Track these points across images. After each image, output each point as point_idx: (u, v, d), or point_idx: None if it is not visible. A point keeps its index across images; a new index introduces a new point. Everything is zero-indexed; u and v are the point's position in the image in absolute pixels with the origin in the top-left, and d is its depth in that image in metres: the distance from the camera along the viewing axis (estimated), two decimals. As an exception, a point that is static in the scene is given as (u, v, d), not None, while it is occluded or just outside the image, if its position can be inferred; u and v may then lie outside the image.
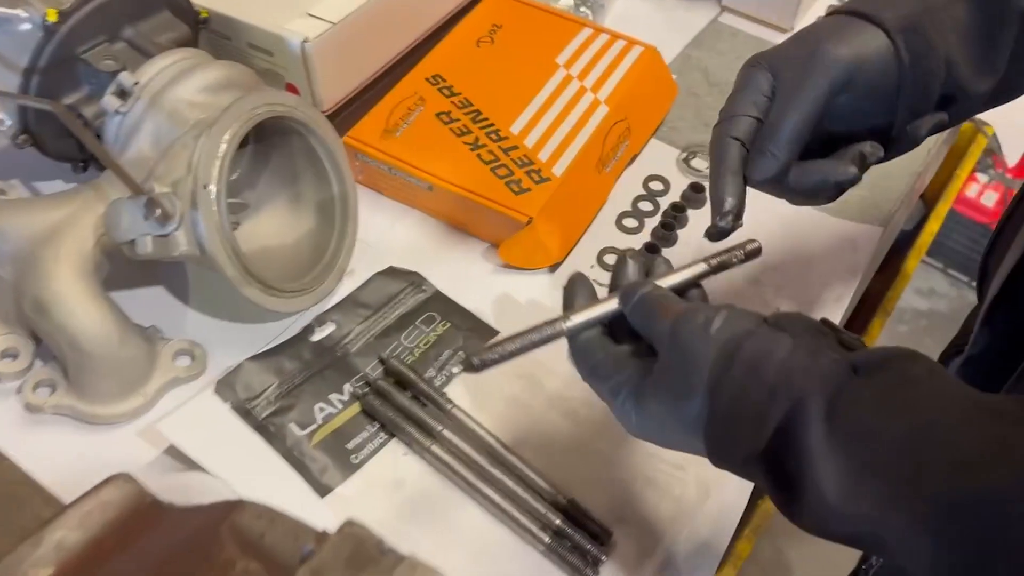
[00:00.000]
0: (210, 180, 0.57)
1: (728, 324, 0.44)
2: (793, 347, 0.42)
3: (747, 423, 0.42)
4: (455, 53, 0.81)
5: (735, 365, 0.43)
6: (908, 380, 0.40)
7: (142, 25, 0.67)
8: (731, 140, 0.53)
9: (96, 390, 0.60)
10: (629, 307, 0.48)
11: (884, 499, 0.37)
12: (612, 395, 0.47)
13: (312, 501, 0.58)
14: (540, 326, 0.50)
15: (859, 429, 0.39)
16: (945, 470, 0.36)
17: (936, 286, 2.06)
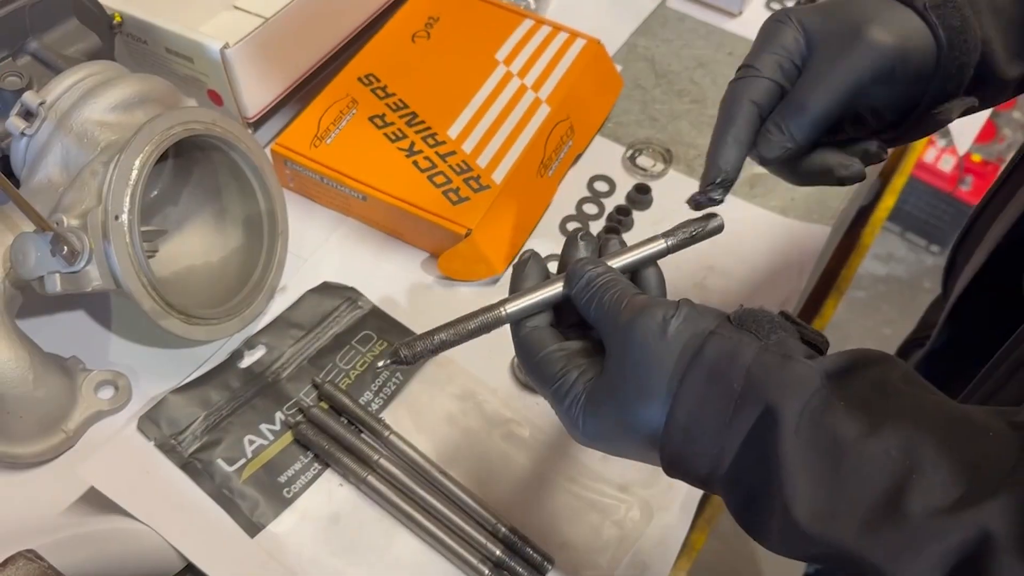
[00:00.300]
0: (122, 210, 0.54)
1: (688, 323, 0.40)
2: (759, 350, 0.39)
3: (710, 434, 0.39)
4: (389, 50, 0.78)
5: (696, 369, 0.39)
6: (883, 389, 0.38)
7: (48, 37, 0.63)
8: (748, 103, 0.48)
9: (12, 430, 0.57)
10: (574, 289, 0.44)
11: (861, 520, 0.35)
12: (558, 399, 0.43)
13: (243, 541, 0.56)
14: (477, 312, 0.45)
15: (834, 441, 0.36)
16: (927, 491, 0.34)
17: (894, 250, 2.07)
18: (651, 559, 0.58)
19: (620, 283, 0.43)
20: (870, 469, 0.35)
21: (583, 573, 0.57)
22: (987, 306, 0.57)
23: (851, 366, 0.38)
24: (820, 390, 0.37)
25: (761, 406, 0.37)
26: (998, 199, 0.58)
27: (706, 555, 1.51)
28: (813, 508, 0.36)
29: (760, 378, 0.38)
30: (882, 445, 0.35)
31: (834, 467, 0.36)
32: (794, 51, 0.48)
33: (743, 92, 0.48)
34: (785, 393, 0.37)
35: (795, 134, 0.47)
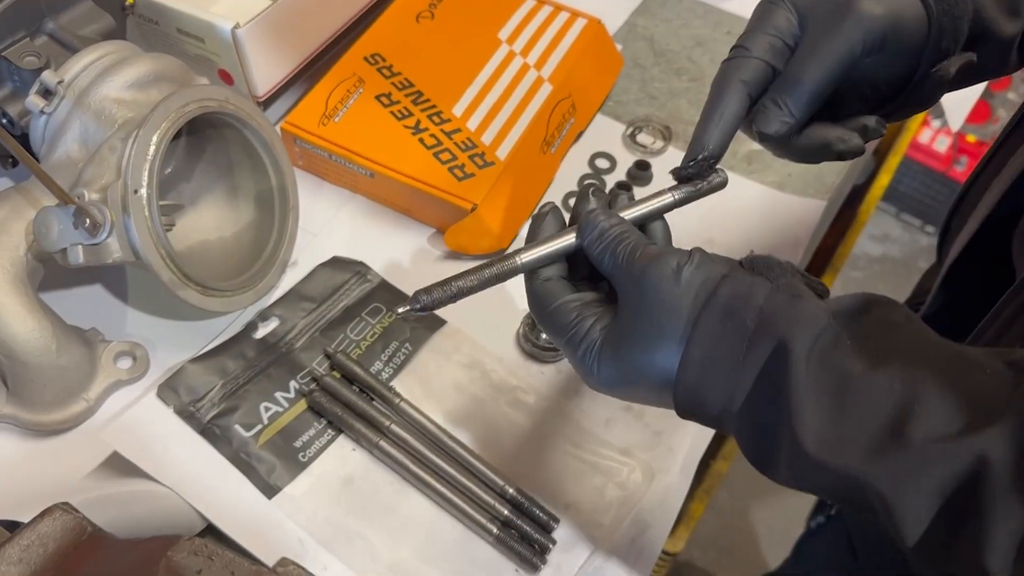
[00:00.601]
0: (140, 184, 0.56)
1: (702, 268, 0.42)
2: (771, 290, 0.41)
3: (724, 370, 0.41)
4: (394, 30, 0.79)
5: (711, 309, 0.41)
6: (887, 329, 0.40)
7: (63, 18, 0.64)
8: (738, 83, 0.49)
9: (37, 398, 0.60)
10: (587, 239, 0.46)
11: (866, 447, 0.37)
12: (572, 346, 0.45)
13: (261, 503, 0.58)
14: (492, 261, 0.47)
15: (842, 374, 0.38)
16: (928, 420, 0.36)
17: (889, 231, 2.09)
18: (652, 518, 0.60)
19: (632, 234, 0.45)
20: (875, 400, 0.37)
21: (587, 532, 0.59)
22: (979, 273, 0.59)
23: (858, 306, 0.40)
24: (829, 327, 0.39)
25: (774, 341, 0.39)
26: (990, 169, 0.60)
27: (704, 528, 1.55)
28: (821, 436, 0.38)
29: (772, 316, 0.40)
30: (886, 378, 0.37)
31: (841, 398, 0.38)
32: (785, 31, 0.49)
33: (733, 72, 0.49)
34: (796, 329, 0.39)
35: (792, 109, 0.48)
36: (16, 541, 0.40)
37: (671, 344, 0.42)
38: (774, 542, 1.56)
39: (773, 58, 0.49)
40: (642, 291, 0.43)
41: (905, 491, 0.36)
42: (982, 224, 0.57)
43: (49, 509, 0.42)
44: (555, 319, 0.46)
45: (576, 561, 0.58)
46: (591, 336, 0.44)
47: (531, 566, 0.57)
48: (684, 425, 0.63)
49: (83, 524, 0.41)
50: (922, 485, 0.36)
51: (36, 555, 0.40)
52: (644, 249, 0.44)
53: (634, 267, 0.43)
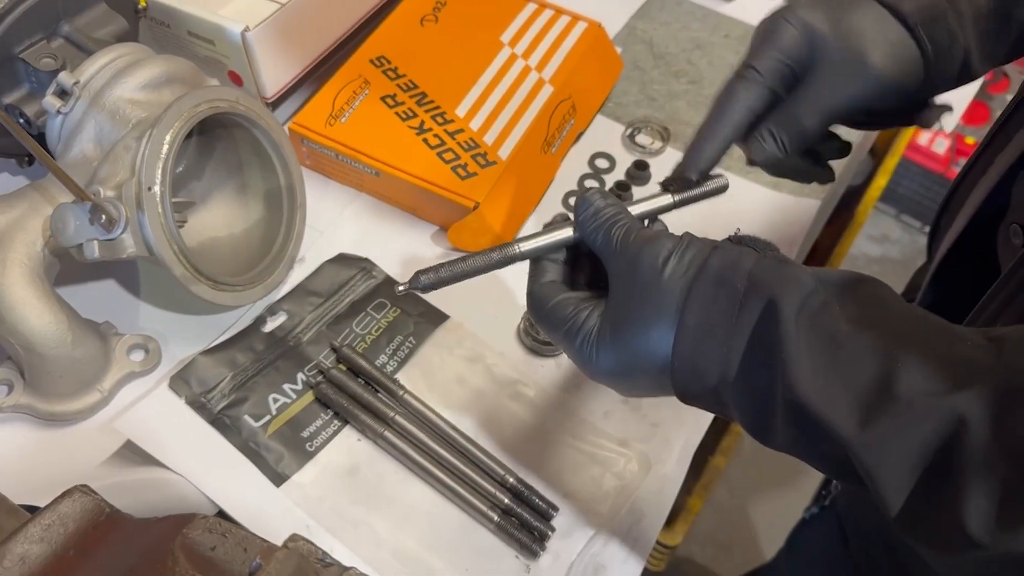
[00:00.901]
0: (154, 182, 0.58)
1: (692, 245, 0.44)
2: (759, 257, 0.43)
3: (719, 335, 0.42)
4: (399, 33, 0.81)
5: (702, 278, 0.42)
6: (875, 300, 0.41)
7: (79, 20, 0.66)
8: (746, 108, 0.50)
9: (53, 389, 0.61)
10: (581, 215, 0.47)
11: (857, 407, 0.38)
12: (570, 338, 0.46)
13: (269, 490, 0.60)
14: (492, 248, 0.49)
15: (830, 334, 0.39)
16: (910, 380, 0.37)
17: (888, 232, 2.10)
18: (649, 507, 0.62)
19: (627, 215, 0.47)
20: (861, 358, 0.39)
21: (585, 520, 0.61)
22: (968, 270, 0.61)
23: (846, 279, 0.42)
24: (817, 291, 0.41)
25: (764, 301, 0.41)
26: (977, 167, 0.62)
27: (703, 523, 1.56)
28: (814, 385, 0.39)
29: (761, 278, 0.41)
30: (872, 340, 0.39)
31: (830, 355, 0.39)
32: (795, 57, 0.51)
33: (742, 95, 0.51)
34: (784, 288, 0.41)
35: (787, 145, 0.51)
36: (38, 521, 0.42)
37: (666, 319, 0.43)
38: (772, 538, 1.58)
39: (779, 84, 0.51)
40: (636, 271, 0.44)
41: (887, 457, 0.37)
42: (970, 221, 0.59)
43: (69, 491, 0.43)
44: (553, 315, 0.47)
45: (574, 548, 0.60)
46: (588, 325, 0.46)
47: (531, 552, 0.58)
48: (680, 416, 0.65)
49: (101, 505, 0.43)
50: (903, 448, 0.37)
51: (57, 534, 0.42)
52: (638, 232, 0.46)
53: (628, 248, 0.45)
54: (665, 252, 0.44)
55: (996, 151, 0.61)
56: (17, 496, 0.47)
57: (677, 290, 0.43)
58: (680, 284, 0.43)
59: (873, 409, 0.38)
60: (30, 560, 0.41)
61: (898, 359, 0.38)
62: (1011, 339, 0.38)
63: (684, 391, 0.44)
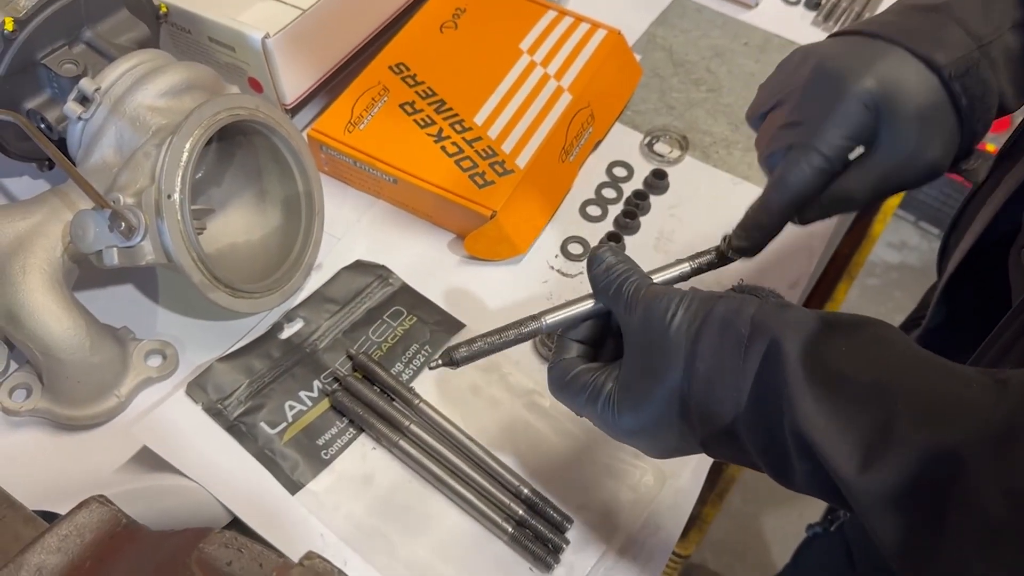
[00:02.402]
0: (174, 190, 0.58)
1: (696, 298, 0.46)
2: (761, 303, 0.44)
3: (728, 378, 0.43)
4: (418, 40, 0.81)
5: (708, 326, 0.44)
6: (880, 340, 0.42)
7: (101, 27, 0.67)
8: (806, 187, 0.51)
9: (71, 394, 0.62)
10: (593, 271, 0.49)
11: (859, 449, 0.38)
12: (591, 403, 0.48)
13: (284, 498, 0.60)
14: (518, 323, 0.52)
15: (833, 374, 0.40)
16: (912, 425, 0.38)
17: (907, 239, 2.09)
18: (664, 521, 0.61)
19: (637, 272, 0.49)
20: (864, 398, 0.39)
21: (600, 533, 0.61)
22: (976, 289, 0.60)
23: (853, 321, 0.42)
24: (819, 331, 0.41)
25: (767, 342, 0.42)
26: (987, 185, 0.61)
27: (717, 532, 1.56)
28: (816, 425, 0.39)
29: (763, 321, 0.43)
30: (875, 379, 0.39)
31: (834, 395, 0.40)
32: (859, 137, 0.50)
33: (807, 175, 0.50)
34: (786, 328, 0.42)
35: (830, 213, 0.53)
36: (55, 531, 0.42)
37: (677, 368, 0.44)
38: (786, 547, 1.57)
39: (840, 164, 0.51)
40: (645, 325, 0.46)
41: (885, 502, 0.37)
42: (978, 240, 0.59)
43: (86, 501, 0.43)
44: (572, 385, 0.49)
45: (588, 561, 0.59)
46: (606, 388, 0.47)
47: (545, 565, 0.58)
48: (696, 430, 0.65)
49: (118, 516, 0.43)
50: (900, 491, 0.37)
51: (74, 544, 0.42)
52: (648, 288, 0.47)
53: (638, 304, 0.47)
54: (673, 305, 0.45)
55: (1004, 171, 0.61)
56: (33, 501, 0.47)
57: (685, 339, 0.44)
58: (688, 334, 0.44)
59: (873, 451, 0.38)
60: (47, 571, 0.41)
61: (899, 399, 0.38)
62: (1015, 381, 0.38)
63: (704, 436, 0.45)
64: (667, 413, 0.46)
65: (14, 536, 0.45)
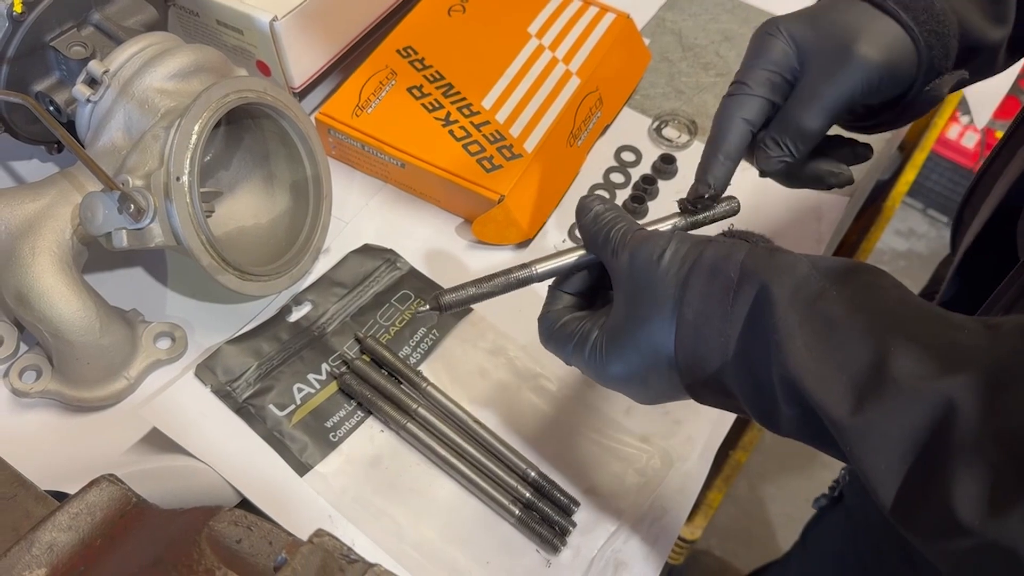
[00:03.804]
0: (182, 172, 0.58)
1: (684, 242, 0.45)
2: (751, 248, 0.43)
3: (716, 324, 0.43)
4: (426, 23, 0.81)
5: (696, 272, 0.43)
6: (874, 286, 0.41)
7: (109, 9, 0.67)
8: (740, 121, 0.51)
9: (80, 375, 0.62)
10: (582, 220, 0.49)
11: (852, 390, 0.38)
12: (579, 351, 0.48)
13: (292, 480, 0.60)
14: (510, 270, 0.51)
15: (825, 317, 0.40)
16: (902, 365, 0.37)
17: (915, 226, 2.08)
18: (670, 504, 0.62)
19: (625, 219, 0.48)
20: (856, 341, 0.39)
21: (607, 516, 0.61)
22: (991, 261, 0.60)
23: (844, 267, 0.42)
24: (810, 276, 0.41)
25: (756, 287, 0.41)
26: (1000, 158, 0.61)
27: (722, 517, 1.56)
28: (804, 365, 0.39)
29: (752, 266, 0.42)
30: (867, 322, 0.39)
31: (824, 336, 0.39)
32: (784, 66, 0.51)
33: (735, 110, 0.51)
34: (776, 273, 0.41)
35: (792, 149, 0.52)
36: (66, 509, 0.43)
37: (666, 312, 0.44)
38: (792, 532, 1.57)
39: (772, 93, 0.52)
40: (633, 270, 0.45)
41: (878, 445, 0.37)
42: (993, 213, 0.59)
43: (96, 480, 0.44)
44: (560, 334, 0.49)
45: (595, 544, 0.60)
46: (592, 335, 0.47)
47: (551, 547, 0.59)
48: (703, 413, 0.65)
49: (128, 495, 0.43)
50: (893, 434, 0.37)
51: (85, 523, 0.42)
52: (635, 232, 0.47)
53: (624, 249, 0.46)
54: (659, 249, 0.45)
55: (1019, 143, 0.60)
56: (44, 482, 0.47)
57: (673, 284, 0.44)
58: (676, 278, 0.44)
59: (866, 393, 0.38)
60: (58, 548, 0.41)
61: (891, 343, 0.38)
62: (1007, 326, 0.38)
63: (691, 382, 0.45)
64: (654, 359, 0.45)
65: (25, 514, 0.45)
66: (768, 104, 0.52)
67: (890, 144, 0.88)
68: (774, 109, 0.52)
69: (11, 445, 0.61)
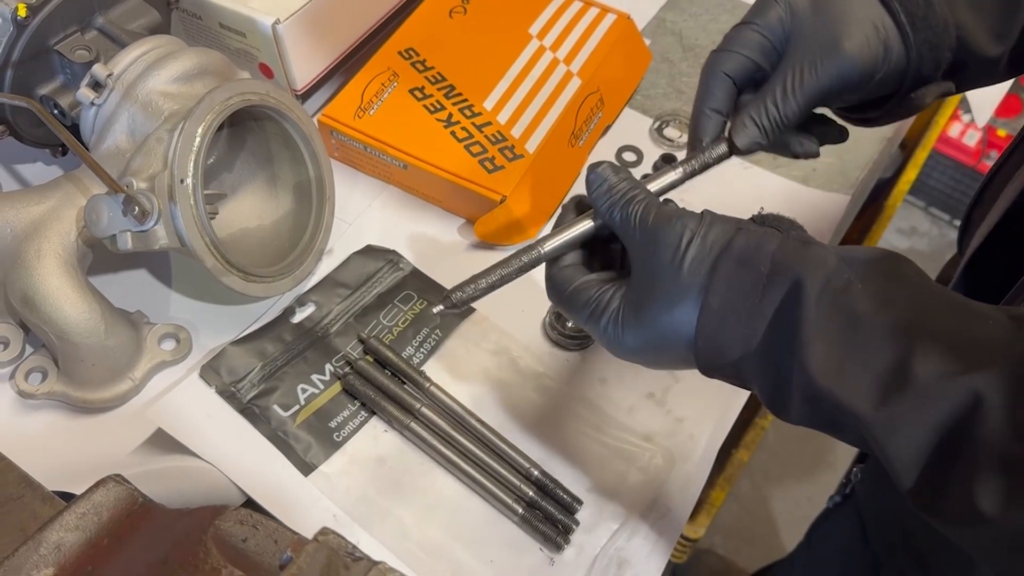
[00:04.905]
0: (186, 174, 0.59)
1: (714, 226, 0.44)
2: (782, 239, 0.43)
3: (742, 315, 0.42)
4: (427, 25, 0.81)
5: (726, 259, 0.43)
6: (898, 278, 0.41)
7: (112, 12, 0.67)
8: (723, 76, 0.51)
9: (86, 377, 0.63)
10: (594, 192, 0.47)
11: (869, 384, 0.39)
12: (595, 318, 0.47)
13: (297, 480, 0.60)
14: (516, 255, 0.50)
15: (850, 313, 0.40)
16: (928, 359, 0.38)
17: (917, 225, 2.08)
18: (673, 503, 0.62)
19: (643, 192, 0.47)
20: (880, 338, 0.39)
21: (609, 515, 0.61)
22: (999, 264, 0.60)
23: (869, 257, 0.42)
24: (840, 269, 0.41)
25: (788, 282, 0.41)
26: (1012, 161, 0.61)
27: (725, 516, 1.56)
28: (827, 365, 0.39)
29: (785, 259, 0.42)
30: (891, 319, 0.39)
31: (849, 334, 0.40)
32: (776, 33, 0.51)
33: (718, 64, 0.52)
34: (808, 268, 0.41)
35: (768, 130, 0.51)
36: (73, 510, 0.43)
37: (689, 299, 0.43)
38: (794, 531, 1.57)
39: (759, 56, 0.51)
40: (658, 252, 0.44)
41: (902, 435, 0.38)
42: (1004, 215, 0.59)
43: (103, 480, 0.44)
44: (575, 298, 0.48)
45: (598, 542, 0.60)
46: (611, 305, 0.46)
47: (555, 546, 0.59)
48: (706, 412, 0.65)
49: (134, 495, 0.44)
50: (918, 426, 0.37)
51: (91, 523, 0.43)
52: (658, 210, 0.46)
53: (648, 228, 0.45)
54: (688, 233, 0.44)
55: None
56: (50, 482, 0.48)
57: (701, 271, 0.43)
58: (704, 266, 0.43)
59: (890, 389, 0.38)
60: (65, 548, 0.42)
61: (916, 339, 0.38)
62: None
63: (707, 366, 0.45)
64: (672, 340, 0.45)
65: (32, 515, 0.45)
66: (752, 64, 0.52)
67: (891, 142, 0.88)
68: (758, 70, 0.52)
69: (17, 446, 0.61)
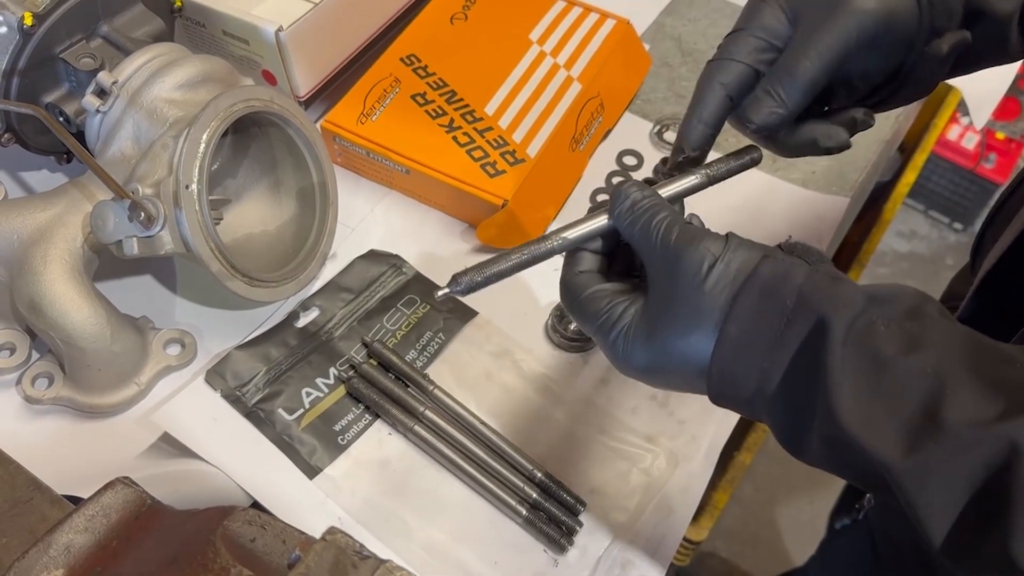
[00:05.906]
0: (191, 180, 0.59)
1: (739, 251, 0.42)
2: (810, 271, 0.41)
3: (761, 349, 0.40)
4: (429, 31, 0.82)
5: (749, 288, 0.41)
6: (922, 318, 0.40)
7: (117, 21, 0.68)
8: (718, 85, 0.49)
9: (92, 382, 0.63)
10: (618, 208, 0.46)
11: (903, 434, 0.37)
12: (604, 332, 0.45)
13: (302, 483, 0.61)
14: (527, 244, 0.48)
15: (876, 357, 0.38)
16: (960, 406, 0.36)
17: (917, 228, 2.09)
18: (675, 504, 0.62)
19: (666, 208, 0.45)
20: (908, 383, 0.38)
21: (613, 516, 0.62)
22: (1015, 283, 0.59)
23: (893, 296, 0.41)
24: (865, 311, 0.39)
25: (813, 320, 0.39)
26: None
27: (728, 519, 1.56)
28: (857, 413, 0.38)
29: (812, 295, 0.40)
30: (919, 363, 0.38)
31: (876, 379, 0.38)
32: (773, 31, 0.49)
33: (714, 74, 0.50)
34: (836, 307, 0.39)
35: (785, 99, 0.48)
36: (82, 512, 0.43)
37: (707, 326, 0.42)
38: (797, 535, 1.57)
39: (756, 61, 0.49)
40: (678, 273, 0.43)
41: (932, 486, 0.36)
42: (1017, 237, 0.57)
43: (111, 483, 0.45)
44: (587, 306, 0.46)
45: (601, 543, 0.60)
46: (623, 320, 0.45)
47: (558, 547, 0.59)
48: (708, 414, 0.66)
49: (143, 497, 0.44)
50: (950, 477, 0.36)
51: (100, 524, 0.43)
52: (680, 229, 0.44)
53: (670, 248, 0.43)
54: (711, 257, 0.42)
55: None
56: (57, 487, 0.48)
57: (721, 299, 0.41)
58: (725, 293, 0.41)
59: (919, 436, 0.37)
60: (75, 549, 0.42)
61: (946, 384, 0.37)
62: None
63: (718, 395, 0.44)
64: (683, 364, 0.43)
65: (41, 517, 0.46)
66: (750, 71, 0.50)
67: (890, 145, 0.88)
68: (757, 77, 0.50)
69: (25, 451, 0.62)
